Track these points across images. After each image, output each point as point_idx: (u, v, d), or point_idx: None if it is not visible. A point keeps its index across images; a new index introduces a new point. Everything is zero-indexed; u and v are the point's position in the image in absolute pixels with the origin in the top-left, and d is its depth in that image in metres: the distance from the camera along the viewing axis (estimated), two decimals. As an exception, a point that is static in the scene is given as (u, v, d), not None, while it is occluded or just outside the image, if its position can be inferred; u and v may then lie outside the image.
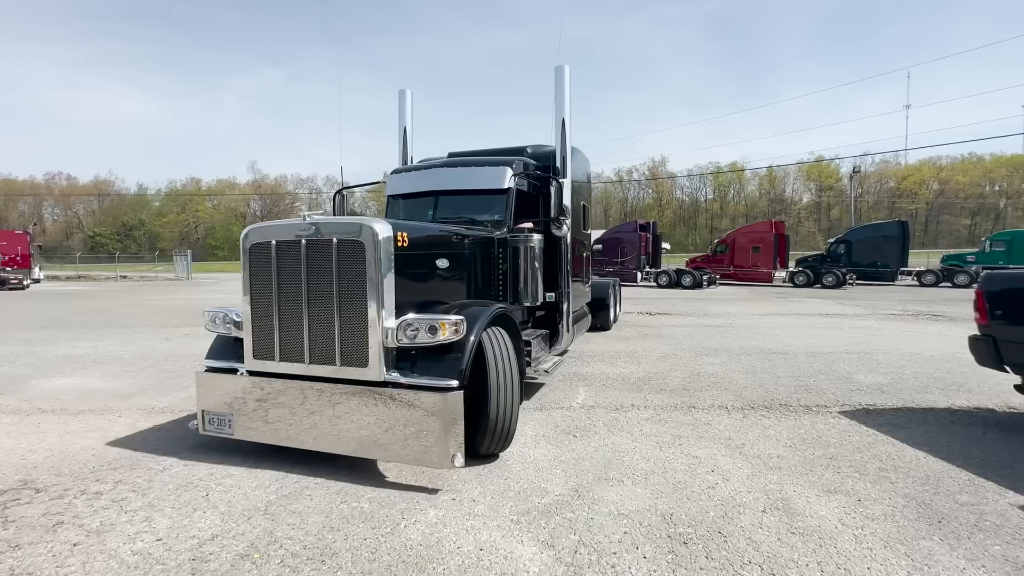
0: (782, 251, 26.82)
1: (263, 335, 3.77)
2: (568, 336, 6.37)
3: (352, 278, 3.52)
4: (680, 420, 4.77)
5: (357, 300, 3.50)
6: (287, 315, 3.69)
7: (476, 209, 5.72)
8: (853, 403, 5.33)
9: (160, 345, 8.82)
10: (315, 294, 3.60)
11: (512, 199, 5.68)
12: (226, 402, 3.84)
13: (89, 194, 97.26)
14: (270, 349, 3.74)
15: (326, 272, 3.57)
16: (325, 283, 3.57)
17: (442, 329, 3.41)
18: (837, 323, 11.59)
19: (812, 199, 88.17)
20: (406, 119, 7.47)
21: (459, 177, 5.96)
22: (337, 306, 3.54)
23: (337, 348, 3.54)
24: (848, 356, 7.76)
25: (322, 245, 3.58)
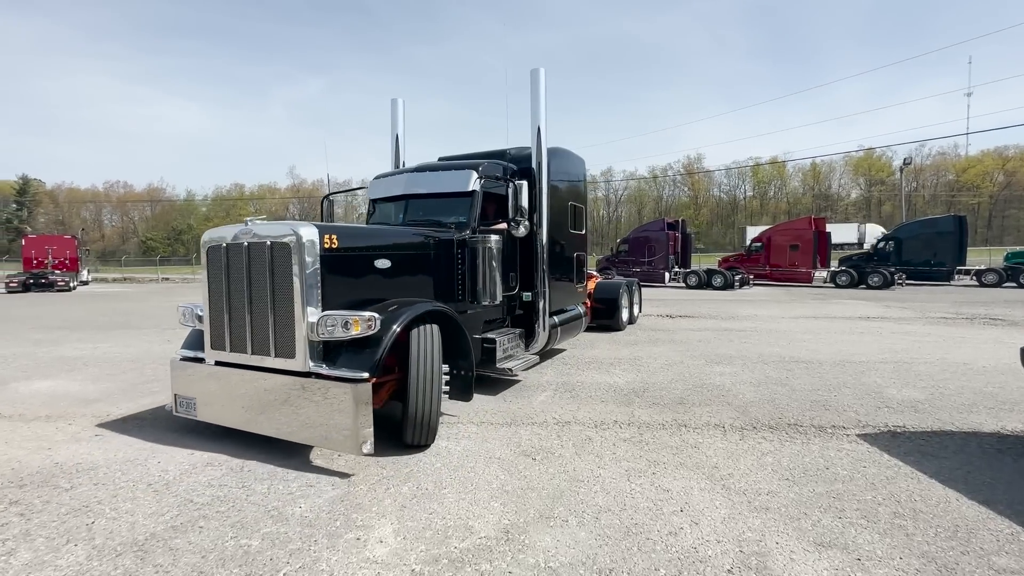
0: (823, 249, 25.09)
1: (217, 328, 4.18)
2: (544, 335, 6.38)
3: (283, 276, 3.83)
4: (664, 442, 4.14)
5: (287, 297, 3.81)
6: (235, 310, 4.07)
7: (444, 211, 5.81)
8: (877, 424, 4.55)
9: (158, 347, 8.79)
10: (255, 291, 3.96)
11: (477, 201, 5.73)
12: (191, 387, 4.30)
13: (143, 200, 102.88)
14: (222, 340, 4.14)
15: (262, 271, 3.91)
16: (262, 281, 3.92)
17: (355, 325, 3.63)
18: (877, 327, 10.49)
19: (861, 194, 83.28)
20: (398, 127, 7.85)
21: (428, 181, 6.08)
22: (271, 302, 3.88)
23: (272, 340, 3.88)
24: (882, 366, 6.85)
25: (259, 247, 3.93)
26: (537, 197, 6.30)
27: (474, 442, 4.14)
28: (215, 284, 4.17)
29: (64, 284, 25.82)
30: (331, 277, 3.95)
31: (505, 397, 5.49)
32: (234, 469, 3.61)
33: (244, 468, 3.62)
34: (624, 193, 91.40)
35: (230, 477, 3.47)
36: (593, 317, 9.90)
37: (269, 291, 3.86)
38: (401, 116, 7.92)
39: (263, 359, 3.92)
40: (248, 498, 3.16)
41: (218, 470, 3.59)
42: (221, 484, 3.36)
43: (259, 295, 3.93)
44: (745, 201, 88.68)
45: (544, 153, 6.29)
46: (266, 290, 3.88)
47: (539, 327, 6.35)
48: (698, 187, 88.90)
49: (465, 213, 5.69)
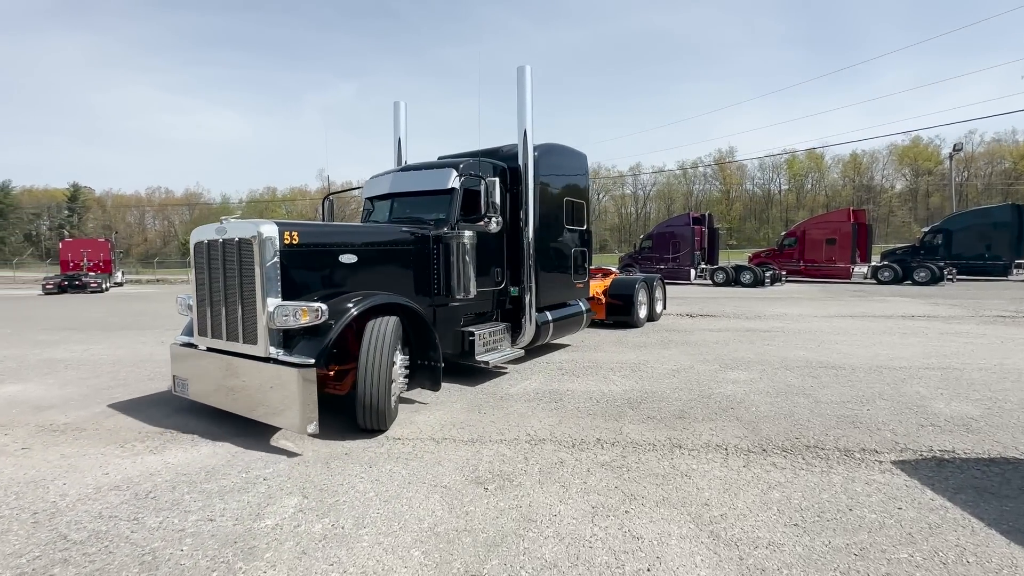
0: (863, 243, 23.44)
1: (201, 316, 4.60)
2: (531, 329, 6.42)
3: (248, 270, 4.15)
4: (649, 468, 3.45)
5: (252, 288, 4.12)
6: (214, 300, 4.46)
7: (427, 209, 5.94)
8: (919, 447, 3.73)
9: (148, 348, 8.57)
10: (228, 283, 4.32)
11: (457, 198, 5.80)
12: (185, 370, 4.76)
13: (181, 204, 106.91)
14: (205, 327, 4.56)
15: (233, 265, 4.27)
16: (233, 274, 4.28)
17: (303, 314, 3.89)
18: (923, 327, 9.39)
19: (907, 185, 78.65)
20: (400, 130, 8.13)
21: (412, 180, 6.28)
22: (240, 293, 4.22)
23: (240, 328, 4.22)
24: (927, 373, 5.92)
25: (230, 243, 4.28)
26: (523, 194, 6.34)
27: (425, 464, 3.56)
28: (199, 277, 4.60)
29: (97, 285, 26.61)
30: (292, 271, 4.26)
31: (481, 408, 4.89)
32: (139, 495, 3.13)
33: (150, 494, 3.14)
34: (653, 189, 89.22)
35: (128, 506, 2.99)
36: (609, 314, 9.89)
37: (238, 283, 4.23)
38: (403, 118, 8.16)
39: (234, 345, 4.29)
40: (131, 535, 2.66)
41: (121, 495, 3.12)
42: (112, 515, 2.88)
43: (231, 287, 4.31)
44: (780, 195, 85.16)
45: (530, 151, 6.31)
46: (236, 282, 4.25)
47: (526, 321, 6.41)
48: (730, 181, 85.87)
49: (444, 210, 5.77)
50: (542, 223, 6.62)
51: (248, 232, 4.13)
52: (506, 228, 6.42)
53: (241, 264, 4.19)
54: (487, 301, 6.30)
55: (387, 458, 3.67)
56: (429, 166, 6.39)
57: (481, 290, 5.87)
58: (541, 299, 6.61)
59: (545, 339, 6.87)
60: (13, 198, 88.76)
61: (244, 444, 3.99)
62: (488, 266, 6.10)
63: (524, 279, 6.36)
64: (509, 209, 6.51)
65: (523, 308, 6.40)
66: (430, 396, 5.31)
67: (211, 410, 4.90)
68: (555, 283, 7.05)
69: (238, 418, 4.64)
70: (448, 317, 5.69)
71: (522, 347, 6.44)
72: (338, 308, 4.09)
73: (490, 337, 6.00)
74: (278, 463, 3.59)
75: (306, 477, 3.35)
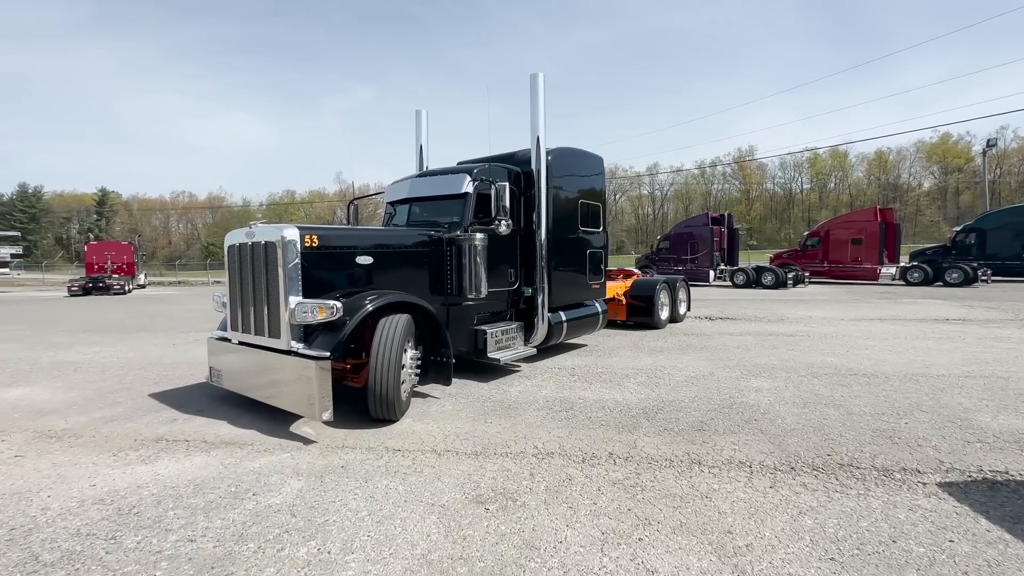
0: (891, 243, 22.60)
1: (233, 312, 4.98)
2: (543, 328, 6.57)
3: (272, 270, 4.49)
4: (666, 487, 3.17)
5: (276, 287, 4.45)
6: (244, 298, 4.85)
7: (443, 212, 6.19)
8: (967, 467, 3.38)
9: (158, 352, 8.55)
10: (256, 282, 4.68)
11: (471, 202, 6.01)
12: (219, 361, 5.19)
13: (204, 208, 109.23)
14: (236, 322, 4.93)
15: (260, 266, 4.62)
16: (260, 274, 4.63)
17: (319, 311, 4.21)
18: (960, 332, 8.86)
19: (935, 183, 76.08)
20: (422, 137, 8.34)
21: (428, 185, 6.52)
22: (265, 292, 4.57)
23: (266, 324, 4.58)
24: (969, 381, 5.50)
25: (258, 246, 4.64)
26: (536, 197, 6.49)
27: (424, 479, 3.33)
28: (232, 277, 4.99)
29: (120, 288, 27.15)
30: (313, 271, 4.57)
31: (488, 416, 4.66)
32: (122, 510, 2.97)
33: (133, 509, 2.98)
34: (671, 189, 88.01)
35: (108, 523, 2.83)
36: (630, 315, 10.00)
37: (264, 282, 4.59)
38: (424, 126, 8.37)
39: (261, 339, 4.64)
40: (104, 557, 2.49)
41: (104, 510, 2.97)
42: (90, 533, 2.72)
43: (258, 286, 4.66)
44: (802, 194, 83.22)
45: (543, 156, 6.47)
46: (262, 281, 4.61)
47: (538, 321, 6.56)
48: (750, 180, 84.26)
49: (458, 213, 6.00)
50: (556, 225, 6.76)
51: (272, 235, 4.50)
52: (519, 230, 6.60)
53: (267, 265, 4.55)
54: (501, 301, 6.50)
55: (384, 472, 3.46)
56: (444, 172, 6.60)
57: (494, 290, 6.07)
58: (554, 299, 6.77)
59: (558, 339, 6.99)
60: (45, 203, 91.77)
61: (239, 455, 3.82)
62: (501, 267, 6.30)
63: (537, 280, 6.52)
64: (523, 212, 6.65)
65: (536, 308, 6.55)
66: (441, 391, 5.51)
67: (209, 415, 4.76)
68: (569, 284, 7.18)
69: (236, 425, 4.49)
70: (461, 316, 5.92)
71: (534, 346, 6.61)
72: (352, 306, 4.42)
73: (502, 336, 6.21)
74: (270, 476, 3.41)
75: (297, 493, 3.15)
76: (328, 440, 4.10)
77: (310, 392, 4.04)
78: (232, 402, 5.26)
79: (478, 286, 5.65)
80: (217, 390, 5.76)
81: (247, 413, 4.87)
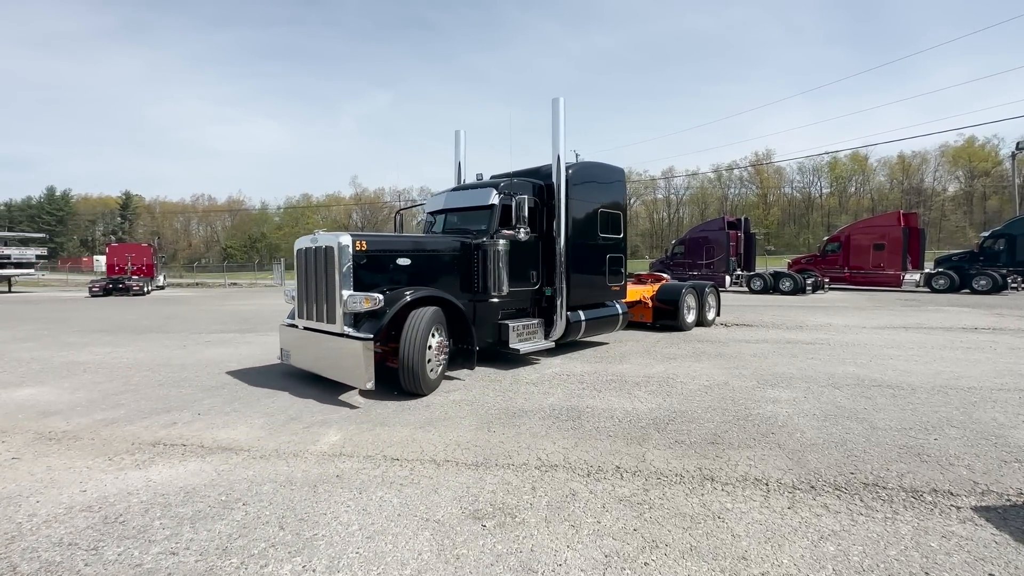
0: (915, 249, 21.93)
1: (300, 303, 6.14)
2: (561, 324, 7.22)
3: (331, 270, 5.54)
4: (676, 506, 2.98)
5: (333, 283, 5.51)
6: (308, 291, 5.94)
7: (473, 222, 7.01)
8: (1005, 489, 3.12)
9: (169, 352, 8.57)
10: (318, 279, 5.76)
11: (496, 213, 6.79)
12: (288, 343, 6.38)
13: (223, 211, 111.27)
14: (302, 311, 6.08)
15: (320, 266, 5.71)
16: (320, 272, 5.72)
17: (365, 302, 5.26)
18: (990, 342, 8.46)
19: (961, 188, 73.98)
20: (460, 154, 9.25)
21: (461, 198, 7.42)
22: (325, 286, 5.65)
23: (325, 312, 5.68)
24: (1002, 395, 5.18)
25: (319, 250, 5.74)
26: (557, 207, 7.16)
27: (420, 491, 3.19)
28: (300, 274, 6.08)
29: (139, 289, 27.63)
30: (361, 270, 5.58)
31: (491, 425, 4.50)
32: (108, 518, 2.88)
33: (119, 518, 2.88)
34: (686, 193, 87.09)
35: (92, 532, 2.73)
36: (656, 318, 10.39)
37: (324, 279, 5.66)
38: (463, 145, 9.28)
39: (320, 324, 5.76)
40: (83, 570, 2.39)
41: (90, 518, 2.88)
42: (72, 543, 2.63)
43: (320, 282, 5.73)
44: (821, 199, 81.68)
45: (562, 172, 7.13)
46: (323, 278, 5.69)
47: (557, 317, 7.22)
48: (767, 184, 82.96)
49: (485, 222, 6.82)
50: (576, 232, 7.42)
51: (331, 241, 5.56)
52: (541, 236, 7.31)
53: (326, 264, 5.60)
54: (524, 299, 7.24)
55: (380, 483, 3.32)
56: (475, 186, 7.46)
57: (516, 289, 6.86)
58: (573, 299, 7.39)
59: (577, 335, 7.63)
60: (72, 206, 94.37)
61: (234, 461, 3.72)
62: (524, 269, 7.06)
63: (556, 281, 7.17)
64: (545, 220, 7.32)
65: (555, 307, 7.21)
66: (467, 374, 6.46)
67: (209, 419, 4.69)
68: (588, 285, 7.79)
69: (235, 429, 4.40)
70: (487, 311, 6.72)
71: (553, 340, 7.30)
72: (392, 298, 5.46)
73: (524, 329, 6.95)
74: (263, 486, 3.29)
75: (288, 503, 3.03)
76: (326, 448, 3.98)
77: (358, 366, 5.10)
78: (234, 405, 5.20)
79: (500, 285, 6.48)
80: (219, 392, 5.71)
81: (248, 417, 4.79)
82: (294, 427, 4.50)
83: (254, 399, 5.45)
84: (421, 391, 5.34)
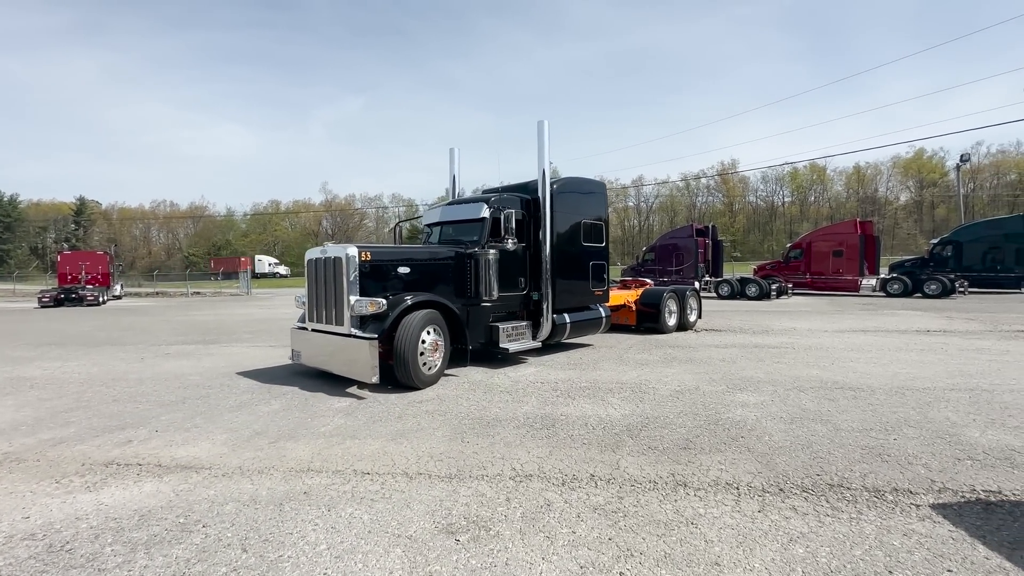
0: (871, 255, 22.93)
1: (310, 308, 6.73)
2: (547, 326, 7.82)
3: (339, 277, 6.17)
4: (650, 513, 2.99)
5: (341, 289, 6.14)
6: (318, 297, 6.54)
7: (467, 233, 7.60)
8: (960, 486, 3.25)
9: (125, 366, 8.16)
10: (327, 286, 6.38)
11: (487, 225, 7.37)
12: (299, 345, 6.94)
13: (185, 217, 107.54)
14: (313, 315, 6.69)
15: (330, 274, 6.33)
16: (330, 280, 6.33)
17: (371, 306, 5.92)
18: (942, 343, 8.88)
19: (911, 197, 78.05)
20: (455, 169, 9.79)
21: (456, 211, 8.02)
22: (334, 292, 6.28)
23: (334, 315, 6.31)
24: (954, 395, 5.43)
25: (328, 260, 6.36)
26: (542, 219, 7.78)
27: (391, 506, 3.10)
28: (310, 282, 6.69)
29: (94, 299, 26.33)
30: (367, 278, 6.23)
31: (465, 435, 4.44)
32: (54, 547, 2.69)
33: (66, 546, 2.70)
34: (656, 201, 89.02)
35: (35, 562, 2.55)
36: (640, 321, 10.90)
37: (333, 286, 6.30)
38: (458, 161, 9.81)
39: (329, 326, 6.38)
40: (23, 604, 2.22)
41: (32, 547, 2.69)
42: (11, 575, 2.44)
43: (329, 288, 6.37)
44: (784, 207, 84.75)
45: (547, 187, 7.74)
46: (332, 285, 6.32)
47: (543, 320, 7.82)
48: (733, 193, 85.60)
49: (477, 234, 7.40)
50: (560, 241, 8.00)
51: (339, 252, 6.21)
52: (529, 246, 7.89)
53: (335, 273, 6.25)
54: (514, 303, 7.79)
55: (350, 498, 3.22)
56: (468, 200, 8.10)
57: (506, 294, 7.42)
58: (559, 303, 7.98)
59: (562, 336, 8.20)
60: (20, 212, 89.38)
61: (194, 480, 3.55)
62: (513, 276, 7.63)
63: (543, 286, 7.77)
64: (532, 230, 7.92)
65: (542, 310, 7.80)
66: (461, 371, 7.09)
67: (168, 435, 4.47)
68: (573, 290, 8.35)
69: (196, 446, 4.21)
70: (480, 314, 7.30)
71: (540, 340, 7.88)
72: (394, 302, 6.11)
73: (513, 331, 7.49)
74: (224, 505, 3.14)
75: (252, 524, 2.90)
76: (294, 463, 3.84)
77: (364, 362, 5.76)
78: (195, 421, 4.97)
79: (491, 291, 7.07)
80: (179, 407, 5.47)
81: (210, 433, 4.59)
82: (259, 442, 4.33)
83: (217, 414, 5.23)
84: (414, 384, 5.95)
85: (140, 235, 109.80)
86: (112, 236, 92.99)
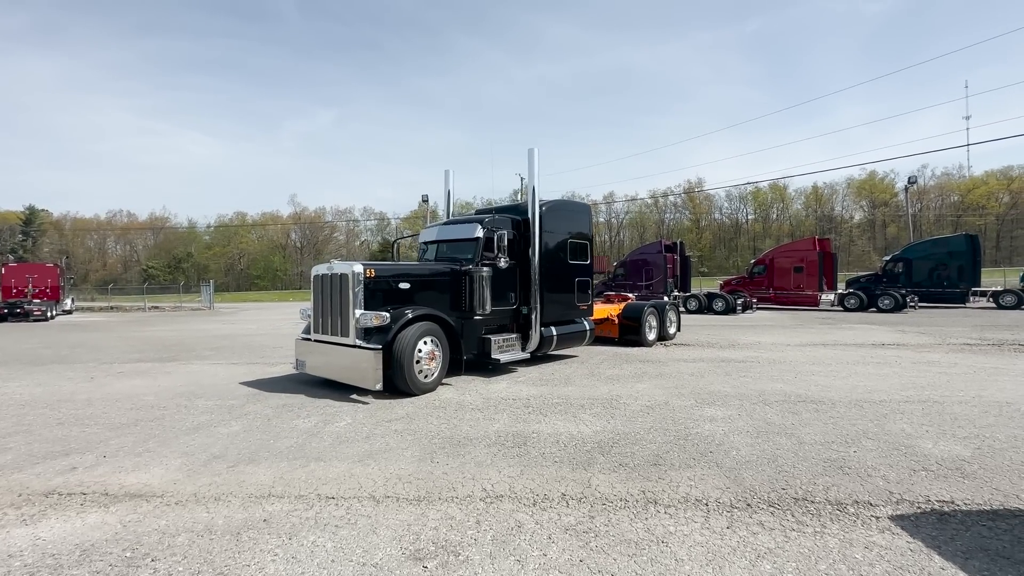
0: (828, 271, 23.92)
1: (315, 319, 7.22)
2: (535, 338, 8.27)
3: (345, 292, 6.68)
4: (621, 532, 2.97)
5: (347, 303, 6.65)
6: (324, 310, 7.04)
7: (462, 251, 8.04)
8: (916, 497, 3.36)
9: (72, 386, 7.69)
10: (333, 300, 6.88)
11: (480, 244, 7.89)
12: (303, 354, 7.32)
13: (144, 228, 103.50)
14: (318, 327, 7.15)
15: (336, 289, 6.84)
16: (336, 295, 6.84)
17: (375, 319, 6.38)
18: (895, 356, 9.28)
19: (865, 216, 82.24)
20: (449, 186, 10.51)
21: (451, 230, 8.49)
22: (340, 306, 6.78)
23: (339, 327, 6.77)
24: (908, 407, 5.66)
25: (335, 276, 6.87)
26: (532, 239, 8.27)
27: (357, 532, 2.99)
28: (316, 296, 7.18)
29: (41, 314, 24.91)
30: (371, 293, 6.69)
31: (435, 455, 4.34)
32: None
33: None
34: (626, 217, 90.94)
35: (-41, 606, 2.33)
36: (622, 333, 11.44)
37: (339, 300, 6.76)
38: (452, 182, 10.51)
39: (335, 337, 6.81)
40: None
41: (-42, 589, 2.46)
42: (-69, 622, 2.22)
43: (335, 302, 6.83)
44: (747, 224, 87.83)
45: (536, 209, 8.25)
46: (338, 299, 6.77)
47: (532, 332, 8.29)
48: (699, 210, 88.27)
49: (471, 252, 7.87)
50: (547, 259, 8.48)
51: (346, 269, 6.71)
52: (519, 263, 8.31)
53: (341, 289, 6.73)
54: (505, 317, 8.27)
55: (313, 525, 3.08)
56: (463, 220, 8.67)
57: (497, 308, 7.90)
58: (546, 316, 8.45)
59: (550, 348, 8.66)
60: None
61: (143, 510, 3.34)
62: (504, 291, 8.10)
63: (531, 301, 8.23)
64: (522, 248, 8.37)
65: (530, 323, 8.24)
66: (455, 379, 7.50)
67: (117, 461, 4.21)
68: (559, 304, 8.82)
69: (147, 472, 3.97)
70: (473, 327, 7.76)
71: (529, 352, 8.34)
72: (396, 315, 6.53)
73: (503, 343, 7.99)
74: (176, 537, 2.96)
75: (206, 556, 2.74)
76: (253, 489, 3.67)
77: (368, 371, 6.21)
78: (147, 445, 4.71)
79: (484, 305, 7.54)
80: (131, 429, 5.18)
81: (164, 457, 4.35)
82: (217, 467, 4.12)
83: (172, 437, 4.97)
84: (410, 390, 6.36)
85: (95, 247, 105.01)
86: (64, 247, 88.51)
